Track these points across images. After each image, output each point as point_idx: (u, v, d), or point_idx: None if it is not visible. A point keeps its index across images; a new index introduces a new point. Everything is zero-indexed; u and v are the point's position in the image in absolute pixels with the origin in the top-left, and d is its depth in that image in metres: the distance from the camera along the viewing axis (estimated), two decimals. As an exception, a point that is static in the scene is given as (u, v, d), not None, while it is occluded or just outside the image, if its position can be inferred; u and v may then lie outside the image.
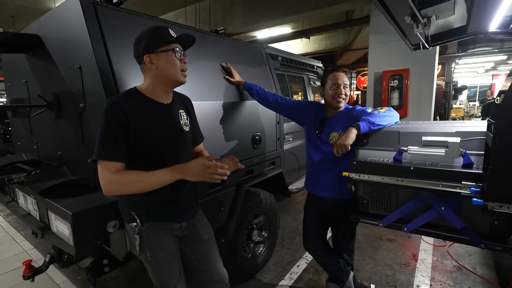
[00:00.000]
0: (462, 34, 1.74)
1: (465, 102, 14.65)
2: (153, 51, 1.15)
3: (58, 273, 2.49)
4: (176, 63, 1.18)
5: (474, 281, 2.35)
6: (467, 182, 1.19)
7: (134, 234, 1.23)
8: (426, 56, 4.32)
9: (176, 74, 1.19)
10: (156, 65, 1.16)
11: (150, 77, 1.19)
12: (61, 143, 1.73)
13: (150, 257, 1.26)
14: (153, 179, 1.11)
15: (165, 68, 1.17)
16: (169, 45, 1.17)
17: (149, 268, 1.31)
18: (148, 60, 1.15)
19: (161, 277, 1.28)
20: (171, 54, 1.17)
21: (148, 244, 1.25)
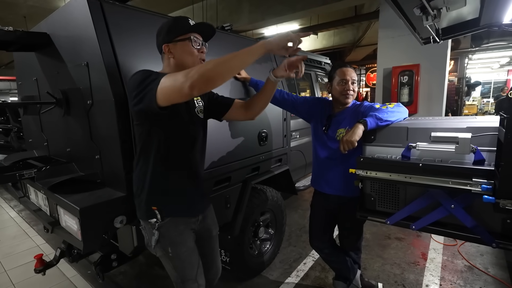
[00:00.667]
0: (474, 27, 1.68)
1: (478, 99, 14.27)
2: (171, 40, 1.17)
3: (69, 267, 2.55)
4: (193, 52, 1.19)
5: (486, 281, 2.29)
6: (478, 179, 1.15)
7: (153, 229, 1.23)
8: (437, 51, 4.21)
9: (194, 63, 1.19)
10: (174, 54, 1.18)
11: (168, 66, 1.21)
12: (70, 140, 1.76)
13: (172, 252, 1.26)
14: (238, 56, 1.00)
15: (182, 57, 1.18)
16: (186, 34, 1.18)
17: (169, 264, 1.30)
18: (167, 50, 1.18)
19: (182, 271, 1.29)
20: (188, 43, 1.17)
21: (169, 239, 1.26)
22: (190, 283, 1.29)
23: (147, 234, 1.30)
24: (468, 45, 8.98)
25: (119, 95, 1.35)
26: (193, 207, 1.33)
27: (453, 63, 9.87)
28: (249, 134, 2.17)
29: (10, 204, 4.35)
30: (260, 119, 2.31)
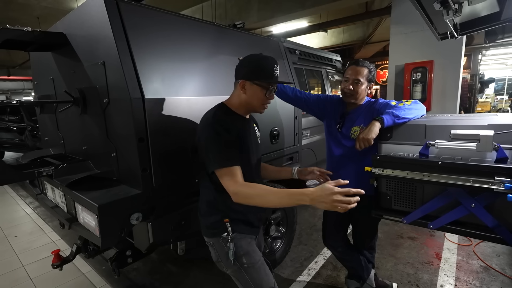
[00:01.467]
0: (494, 21, 1.63)
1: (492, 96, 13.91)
2: (251, 79, 1.23)
3: (84, 263, 2.60)
4: (262, 99, 1.28)
5: (503, 282, 2.24)
6: (501, 177, 1.12)
7: (227, 243, 1.25)
8: (451, 47, 4.11)
9: (258, 107, 1.30)
10: (246, 91, 1.25)
11: (237, 97, 1.29)
12: (86, 138, 1.79)
13: (247, 262, 1.26)
14: (279, 196, 1.09)
15: (252, 98, 1.27)
16: (267, 82, 1.24)
17: (245, 277, 1.26)
18: (242, 85, 1.25)
19: (260, 282, 1.27)
20: (263, 90, 1.25)
21: (243, 249, 1.27)
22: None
23: (217, 251, 1.30)
24: (482, 41, 8.74)
25: (136, 93, 1.36)
26: (255, 227, 1.38)
27: (466, 59, 9.64)
28: (261, 132, 2.14)
29: (26, 201, 4.46)
30: (272, 117, 2.31)
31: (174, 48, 1.63)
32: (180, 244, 1.78)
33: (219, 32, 1.99)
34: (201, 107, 1.63)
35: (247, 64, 1.25)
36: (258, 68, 1.23)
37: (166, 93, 1.50)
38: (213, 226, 1.29)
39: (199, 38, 1.81)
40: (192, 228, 1.66)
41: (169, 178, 1.53)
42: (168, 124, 1.50)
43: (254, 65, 1.24)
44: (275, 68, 1.24)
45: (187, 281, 2.37)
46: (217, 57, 1.89)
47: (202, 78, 1.74)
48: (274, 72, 1.24)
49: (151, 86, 1.44)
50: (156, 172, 1.45)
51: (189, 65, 1.69)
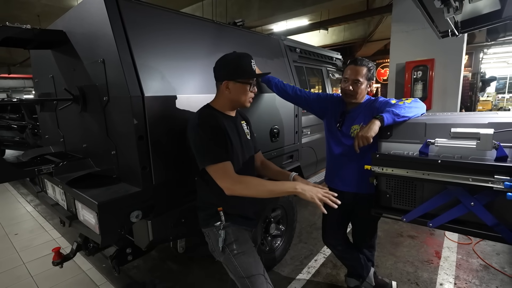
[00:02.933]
0: (496, 19, 1.62)
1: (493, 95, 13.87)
2: (234, 79, 1.31)
3: (84, 261, 2.61)
4: (247, 94, 1.36)
5: (503, 281, 2.24)
6: (500, 176, 1.12)
7: (219, 230, 1.31)
8: (452, 45, 4.10)
9: (245, 101, 1.37)
10: (231, 90, 1.33)
11: (222, 97, 1.37)
12: (86, 136, 1.79)
13: (237, 249, 1.31)
14: (273, 186, 1.23)
15: (238, 95, 1.34)
16: (248, 79, 1.33)
17: (233, 263, 1.30)
18: (226, 85, 1.32)
19: (249, 268, 1.30)
20: (246, 86, 1.34)
21: (234, 236, 1.33)
22: (257, 277, 1.28)
23: (211, 239, 1.36)
24: (483, 39, 8.70)
25: (135, 91, 1.36)
26: (251, 221, 1.44)
27: (468, 57, 9.60)
28: (261, 130, 2.17)
29: (27, 198, 4.47)
30: (272, 115, 2.31)
31: (174, 46, 1.62)
32: (180, 242, 1.78)
33: (219, 30, 1.98)
34: (201, 105, 1.63)
35: (226, 65, 1.33)
36: (238, 67, 1.32)
37: (166, 91, 1.50)
38: (208, 216, 1.35)
39: (199, 36, 1.81)
40: (192, 225, 1.67)
41: (169, 176, 1.53)
42: (168, 122, 1.50)
43: (233, 65, 1.32)
44: (252, 63, 1.34)
45: (187, 279, 2.38)
46: (217, 55, 1.86)
47: (202, 76, 1.74)
48: (252, 67, 1.34)
49: (150, 84, 1.43)
50: (156, 170, 1.46)
51: (189, 63, 1.69)
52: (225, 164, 1.23)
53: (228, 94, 1.34)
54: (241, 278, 1.28)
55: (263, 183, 1.23)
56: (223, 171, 1.22)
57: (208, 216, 1.36)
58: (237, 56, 1.34)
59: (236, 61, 1.32)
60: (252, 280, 1.26)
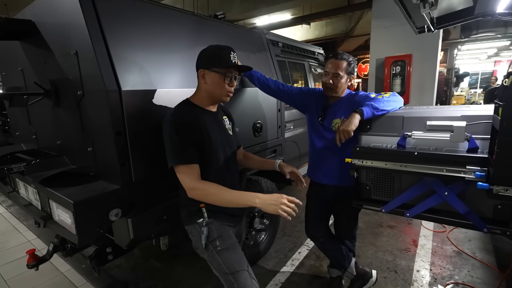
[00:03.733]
0: (468, 16, 1.68)
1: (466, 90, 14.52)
2: (208, 67, 1.26)
3: (62, 262, 2.52)
4: (222, 86, 1.29)
5: (474, 265, 2.38)
6: (472, 166, 1.17)
7: (202, 227, 1.28)
8: (429, 41, 4.24)
9: (221, 95, 1.32)
10: (206, 80, 1.29)
11: (200, 89, 1.33)
12: (60, 132, 1.71)
13: (220, 245, 1.29)
14: (232, 196, 1.20)
15: (212, 86, 1.29)
16: (224, 68, 1.27)
17: (217, 260, 1.29)
18: (202, 74, 1.28)
19: (233, 265, 1.28)
20: (220, 76, 1.27)
21: (217, 232, 1.31)
22: (240, 273, 1.27)
23: (194, 236, 1.35)
24: (457, 36, 9.06)
25: (112, 85, 1.31)
26: (234, 217, 1.42)
27: (443, 54, 9.96)
28: (243, 125, 2.15)
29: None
30: (255, 110, 2.30)
31: (153, 38, 1.57)
32: (163, 239, 1.76)
33: (200, 23, 1.94)
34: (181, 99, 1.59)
35: (204, 53, 1.30)
36: (215, 55, 1.27)
37: (144, 85, 1.46)
38: (190, 213, 1.33)
39: (179, 28, 1.76)
40: (175, 222, 1.64)
41: (150, 172, 1.50)
42: (147, 117, 1.46)
43: (210, 53, 1.29)
44: (231, 55, 1.28)
45: (172, 276, 2.35)
46: (197, 48, 1.82)
47: (183, 70, 1.70)
48: (231, 58, 1.28)
49: (128, 78, 1.38)
50: (135, 166, 1.42)
51: (169, 56, 1.64)
52: (191, 166, 1.21)
53: (204, 85, 1.30)
54: (224, 275, 1.27)
55: (222, 193, 1.20)
56: (186, 173, 1.20)
57: (191, 213, 1.33)
58: (217, 46, 1.31)
59: (214, 50, 1.29)
60: (236, 276, 1.25)
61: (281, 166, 1.61)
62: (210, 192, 1.20)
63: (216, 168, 1.33)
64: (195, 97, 1.35)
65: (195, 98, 1.35)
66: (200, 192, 1.20)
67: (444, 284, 2.15)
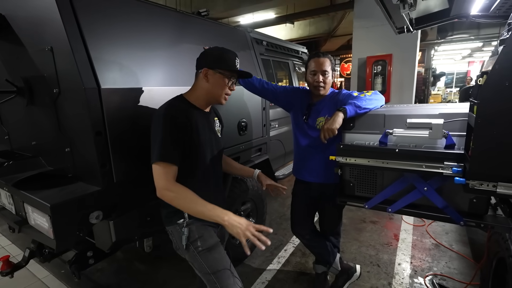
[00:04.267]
0: (445, 17, 1.75)
1: (442, 89, 15.14)
2: (213, 68, 1.26)
3: (40, 268, 2.41)
4: (224, 88, 1.31)
5: (451, 257, 2.48)
6: (449, 162, 1.22)
7: (182, 228, 1.26)
8: (408, 41, 4.38)
9: (220, 96, 1.32)
10: (209, 80, 1.28)
11: (199, 87, 1.31)
12: (36, 132, 1.63)
13: (202, 245, 1.27)
14: (203, 207, 1.16)
15: (214, 87, 1.29)
16: (229, 72, 1.29)
17: (199, 260, 1.27)
18: (205, 73, 1.27)
19: (214, 264, 1.26)
20: (225, 79, 1.29)
21: (198, 233, 1.29)
22: (222, 273, 1.26)
23: (175, 237, 1.32)
24: (434, 37, 9.43)
25: (90, 83, 1.26)
26: None
27: (421, 54, 10.34)
28: (228, 123, 2.14)
29: (-32, 204, 3.99)
30: (240, 108, 2.29)
31: (134, 34, 1.52)
32: (147, 241, 1.72)
33: (183, 20, 1.90)
34: (164, 98, 1.55)
35: (210, 54, 1.30)
36: (221, 58, 1.28)
37: (125, 82, 1.41)
38: (171, 214, 1.30)
39: (162, 25, 1.72)
40: (160, 223, 1.61)
41: (132, 173, 1.45)
42: (128, 116, 1.41)
43: (217, 55, 1.29)
44: (236, 60, 1.31)
45: (156, 278, 2.31)
46: (180, 45, 1.81)
47: (165, 68, 1.66)
48: (236, 63, 1.31)
49: (108, 75, 1.33)
50: (117, 167, 1.37)
51: (151, 53, 1.60)
52: (171, 167, 1.17)
53: (205, 84, 1.28)
54: (206, 275, 1.26)
55: (193, 201, 1.16)
56: (164, 172, 1.16)
57: (171, 214, 1.30)
58: (223, 49, 1.32)
59: (221, 52, 1.30)
60: (218, 275, 1.24)
61: (259, 177, 1.62)
62: (182, 197, 1.16)
63: (202, 167, 1.31)
64: (191, 95, 1.32)
65: (191, 96, 1.32)
66: (172, 195, 1.16)
67: (423, 276, 2.23)
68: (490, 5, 1.54)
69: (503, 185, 0.98)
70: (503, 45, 0.91)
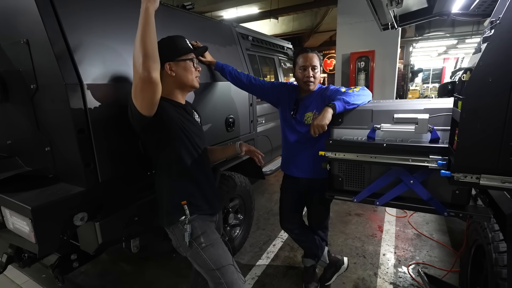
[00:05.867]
0: (427, 15, 1.80)
1: (420, 84, 15.72)
2: (174, 59, 1.27)
3: (19, 273, 2.29)
4: (192, 71, 1.33)
5: (431, 245, 2.60)
6: (434, 156, 1.26)
7: (184, 225, 1.25)
8: (390, 38, 4.49)
9: (193, 80, 1.34)
10: (175, 72, 1.28)
11: (169, 82, 1.29)
12: (11, 131, 1.53)
13: (205, 241, 1.27)
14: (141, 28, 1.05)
15: (183, 75, 1.30)
16: (188, 54, 1.31)
17: (202, 256, 1.26)
18: (168, 67, 1.27)
19: (219, 260, 1.26)
20: (189, 63, 1.31)
21: (201, 229, 1.29)
22: (227, 268, 1.26)
23: (176, 235, 1.30)
24: (412, 34, 9.73)
25: (71, 78, 1.19)
26: (213, 206, 1.41)
27: (400, 51, 10.64)
28: (216, 120, 2.11)
29: None
30: (227, 104, 2.26)
31: (117, 27, 1.46)
32: (134, 241, 1.66)
33: (168, 13, 1.84)
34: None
35: (163, 48, 1.22)
36: (176, 46, 1.29)
37: (108, 78, 1.35)
38: (171, 212, 1.29)
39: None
40: (147, 223, 1.57)
41: (118, 171, 1.40)
42: (113, 112, 1.36)
43: (170, 45, 1.29)
44: (187, 41, 1.34)
45: (143, 279, 2.26)
46: (166, 39, 1.75)
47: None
48: (188, 44, 1.34)
49: (90, 70, 1.27)
50: (102, 166, 1.32)
51: (134, 47, 1.53)
52: None
53: (173, 78, 1.29)
54: (210, 271, 1.25)
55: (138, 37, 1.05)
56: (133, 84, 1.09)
57: (172, 212, 1.29)
58: (172, 37, 1.32)
59: (172, 41, 1.30)
60: (223, 271, 1.24)
61: (241, 147, 1.60)
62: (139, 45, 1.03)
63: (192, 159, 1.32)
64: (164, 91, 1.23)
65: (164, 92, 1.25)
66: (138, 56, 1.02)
67: (407, 265, 2.32)
68: (470, 3, 1.60)
69: (485, 177, 1.03)
70: (487, 43, 0.94)
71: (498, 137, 0.96)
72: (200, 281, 1.52)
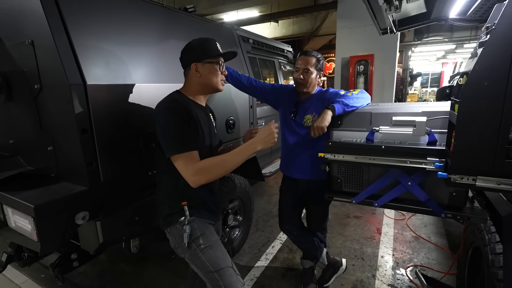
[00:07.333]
0: (425, 20, 1.83)
1: (419, 88, 15.82)
2: (201, 60, 1.28)
3: (18, 273, 2.29)
4: (218, 74, 1.33)
5: (429, 248, 2.61)
6: (432, 158, 1.28)
7: (184, 226, 1.25)
8: (388, 42, 4.53)
9: (217, 83, 1.34)
10: (201, 73, 1.29)
11: (193, 82, 1.31)
12: (14, 130, 1.54)
13: (204, 243, 1.26)
14: (233, 157, 1.20)
15: (208, 77, 1.30)
16: (216, 58, 1.31)
17: (201, 258, 1.25)
18: (194, 68, 1.28)
19: (217, 262, 1.25)
20: (215, 66, 1.31)
21: (200, 230, 1.28)
22: (225, 270, 1.25)
23: (175, 236, 1.29)
24: (411, 39, 9.81)
25: (75, 78, 1.21)
26: (213, 213, 1.40)
27: (399, 55, 10.73)
28: (216, 121, 2.12)
29: None
30: (227, 106, 2.28)
31: (121, 28, 1.48)
32: (134, 241, 1.68)
33: (170, 16, 1.87)
34: (152, 94, 1.54)
35: (192, 49, 1.30)
36: (204, 48, 1.30)
37: (111, 79, 1.37)
38: (171, 213, 1.28)
39: (149, 20, 1.68)
40: (148, 222, 1.58)
41: (119, 171, 1.42)
42: (115, 113, 1.38)
43: (200, 46, 1.30)
44: (217, 44, 1.34)
45: (142, 279, 2.26)
46: (168, 42, 1.77)
47: (152, 64, 1.63)
48: (218, 47, 1.33)
49: (93, 71, 1.29)
50: (104, 166, 1.33)
51: (138, 49, 1.56)
52: (192, 153, 1.17)
53: (198, 78, 1.29)
54: (209, 273, 1.24)
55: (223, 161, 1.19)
56: (189, 159, 1.16)
57: (171, 214, 1.28)
58: (201, 39, 1.33)
59: (202, 42, 1.31)
60: (221, 273, 1.23)
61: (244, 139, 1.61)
62: (214, 167, 1.17)
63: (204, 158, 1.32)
64: (187, 91, 1.32)
65: (188, 92, 1.32)
66: (205, 171, 1.15)
67: (405, 267, 2.34)
68: (467, 9, 1.63)
69: (482, 178, 1.05)
70: (482, 47, 0.97)
71: (494, 139, 0.98)
72: (198, 282, 1.51)
